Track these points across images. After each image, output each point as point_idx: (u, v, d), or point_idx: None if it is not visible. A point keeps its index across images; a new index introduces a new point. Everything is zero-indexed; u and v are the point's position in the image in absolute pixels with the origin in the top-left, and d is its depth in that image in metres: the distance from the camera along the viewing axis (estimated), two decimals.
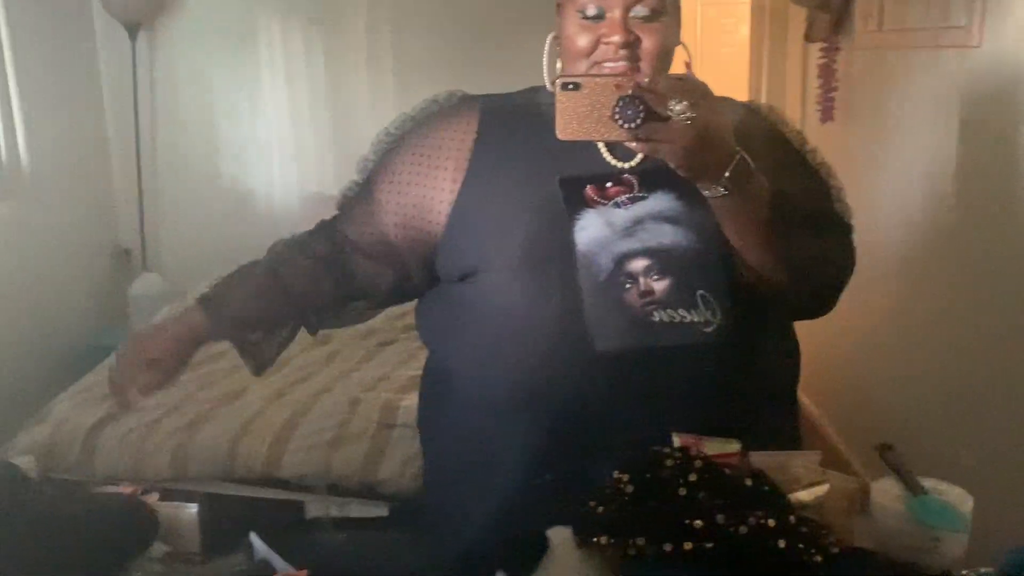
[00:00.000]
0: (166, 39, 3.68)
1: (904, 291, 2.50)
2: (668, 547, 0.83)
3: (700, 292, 1.10)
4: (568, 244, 1.11)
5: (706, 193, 1.02)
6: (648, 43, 1.09)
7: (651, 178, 1.12)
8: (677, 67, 1.16)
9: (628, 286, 1.10)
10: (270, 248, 1.35)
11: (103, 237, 3.71)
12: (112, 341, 3.08)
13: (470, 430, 1.21)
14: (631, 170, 1.14)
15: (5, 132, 3.06)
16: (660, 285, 1.10)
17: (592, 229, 1.12)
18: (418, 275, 1.27)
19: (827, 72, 2.91)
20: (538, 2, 1.68)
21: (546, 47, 1.17)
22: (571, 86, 0.96)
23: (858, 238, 1.24)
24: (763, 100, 3.47)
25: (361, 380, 2.44)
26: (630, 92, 0.93)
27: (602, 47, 1.10)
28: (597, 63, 1.11)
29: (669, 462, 0.89)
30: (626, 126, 0.94)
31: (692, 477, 0.86)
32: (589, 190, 1.12)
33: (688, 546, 0.82)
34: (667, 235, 1.11)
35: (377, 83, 3.67)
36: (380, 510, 2.06)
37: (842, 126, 2.94)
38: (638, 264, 1.11)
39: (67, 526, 0.86)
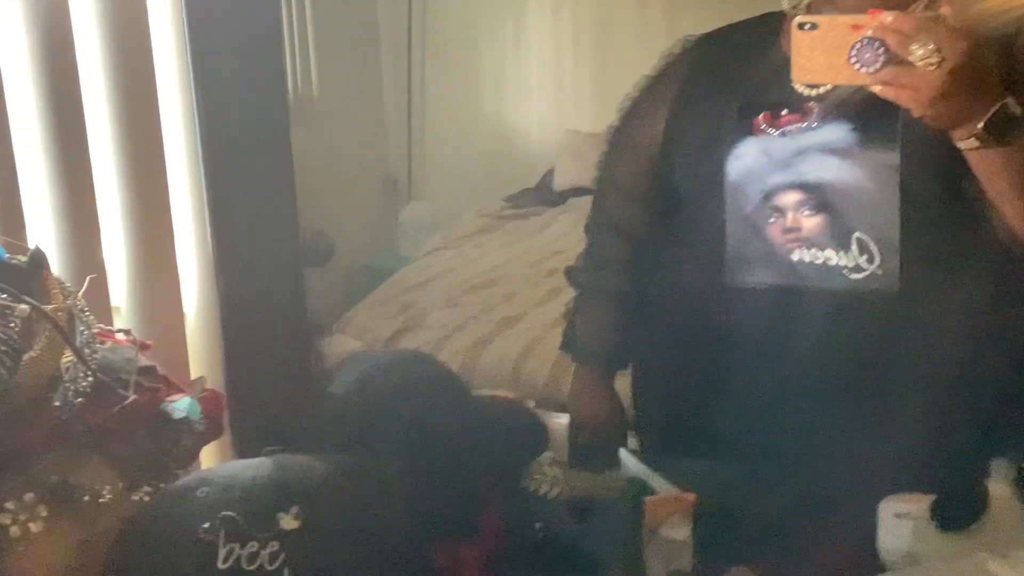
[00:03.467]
0: None
1: None
2: None
3: (857, 235, 1.01)
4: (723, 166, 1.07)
5: (960, 145, 0.90)
6: None
7: (835, 107, 1.03)
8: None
9: (773, 220, 1.05)
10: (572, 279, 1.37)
11: (375, 167, 3.93)
12: (384, 264, 3.28)
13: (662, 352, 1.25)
14: (816, 97, 1.05)
15: (301, 62, 3.28)
16: (810, 222, 1.03)
17: (747, 158, 1.06)
18: None
19: None
20: None
21: None
22: (808, 26, 0.89)
23: None
24: None
25: None
26: (869, 33, 0.85)
27: None
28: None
29: None
30: (864, 70, 0.86)
31: None
32: (760, 117, 1.06)
33: None
34: (830, 169, 1.02)
35: (644, 19, 3.59)
36: None
37: None
38: (789, 197, 1.04)
39: (481, 423, 0.90)
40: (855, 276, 1.03)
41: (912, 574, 0.84)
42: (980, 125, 0.88)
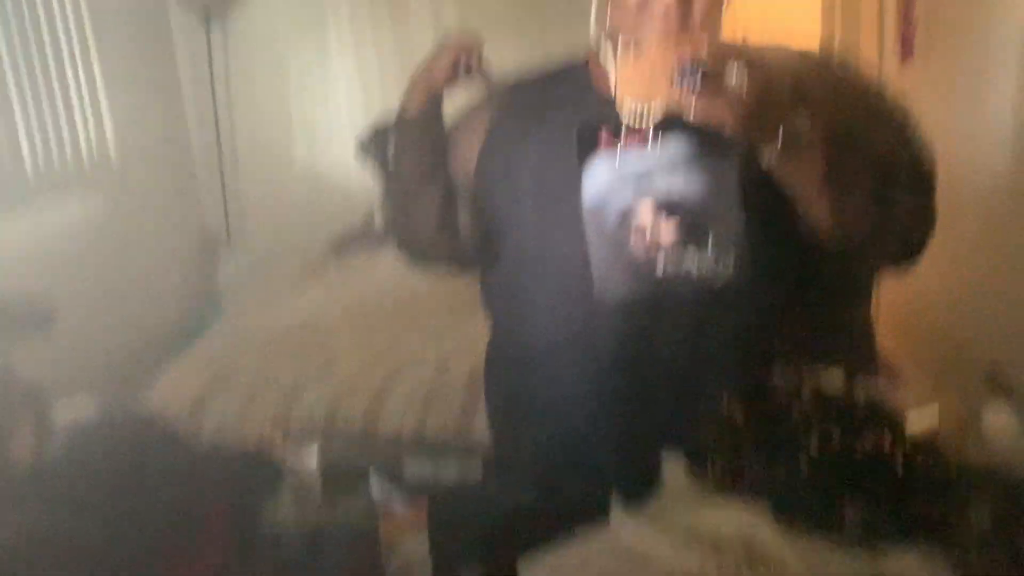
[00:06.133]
0: (239, 27, 3.76)
1: (989, 233, 2.42)
2: (784, 467, 0.84)
3: (711, 240, 1.11)
4: (578, 194, 1.13)
5: (764, 157, 1.02)
6: (700, 2, 1.08)
7: (667, 127, 1.12)
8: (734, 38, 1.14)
9: (634, 232, 1.13)
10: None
11: (189, 221, 3.84)
12: (203, 319, 3.20)
13: (518, 376, 1.28)
14: (648, 122, 1.13)
15: (95, 126, 3.18)
16: (667, 231, 1.12)
17: (601, 177, 1.14)
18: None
19: (907, 7, 2.81)
20: None
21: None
22: (631, 50, 0.98)
23: (942, 179, 1.18)
24: (837, 39, 3.38)
25: (451, 344, 2.48)
26: (689, 57, 0.95)
27: (657, 1, 1.09)
28: (648, 11, 1.10)
29: (782, 387, 0.90)
30: (684, 90, 0.95)
31: (806, 397, 0.87)
32: (603, 141, 1.14)
33: (805, 465, 0.83)
34: (678, 182, 1.12)
35: None
36: (477, 468, 2.10)
37: (923, 63, 2.84)
38: (645, 210, 1.13)
39: (208, 473, 0.91)
40: (716, 277, 1.12)
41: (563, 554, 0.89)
42: (780, 136, 0.99)
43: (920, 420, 1.00)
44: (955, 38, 2.62)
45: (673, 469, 0.91)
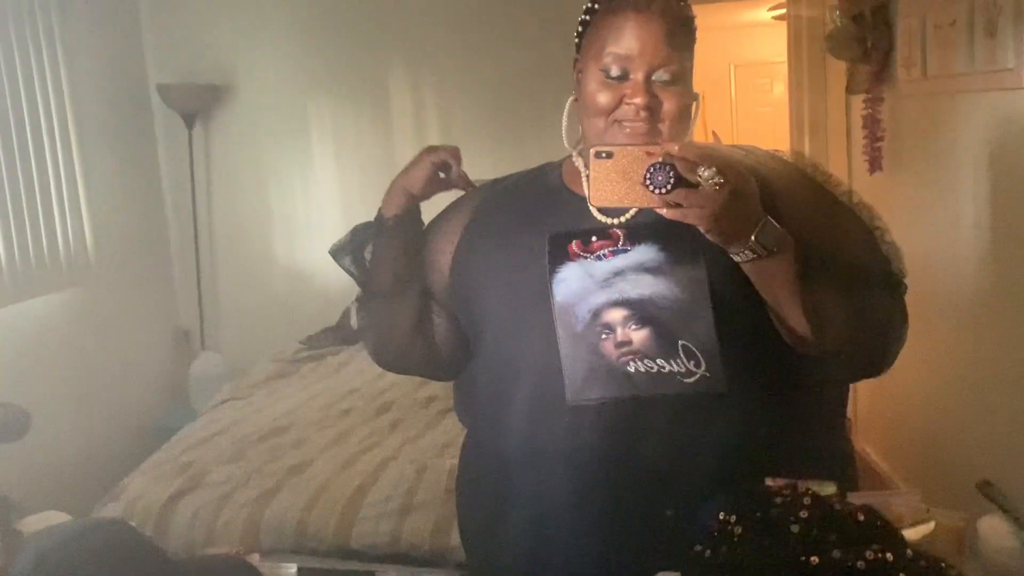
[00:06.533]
0: (221, 127, 3.82)
1: (960, 340, 2.46)
2: None
3: (682, 343, 1.10)
4: (548, 297, 1.14)
5: (736, 258, 1.03)
6: (668, 105, 1.11)
7: (637, 232, 1.14)
8: (704, 137, 1.18)
9: (605, 336, 1.12)
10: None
11: (164, 320, 3.80)
12: (176, 421, 3.14)
13: (494, 485, 1.25)
14: (619, 225, 1.17)
15: (72, 222, 3.18)
16: (638, 335, 1.11)
17: (571, 281, 1.14)
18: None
19: (872, 123, 2.93)
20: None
21: (566, 109, 1.21)
22: (604, 155, 0.99)
23: (913, 286, 1.19)
24: (807, 154, 3.49)
25: (426, 447, 2.44)
26: (660, 159, 0.97)
27: (624, 107, 1.12)
28: (618, 121, 1.13)
29: (779, 500, 0.88)
30: (657, 192, 0.97)
31: (803, 514, 0.85)
32: (573, 245, 1.15)
33: None
34: (648, 286, 1.12)
35: None
36: None
37: (891, 176, 2.94)
38: (616, 314, 1.12)
39: None
40: (688, 380, 1.10)
41: None
42: (753, 237, 0.99)
43: (916, 535, 0.99)
44: (921, 151, 2.72)
45: None
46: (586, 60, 1.16)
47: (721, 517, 0.91)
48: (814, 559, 0.82)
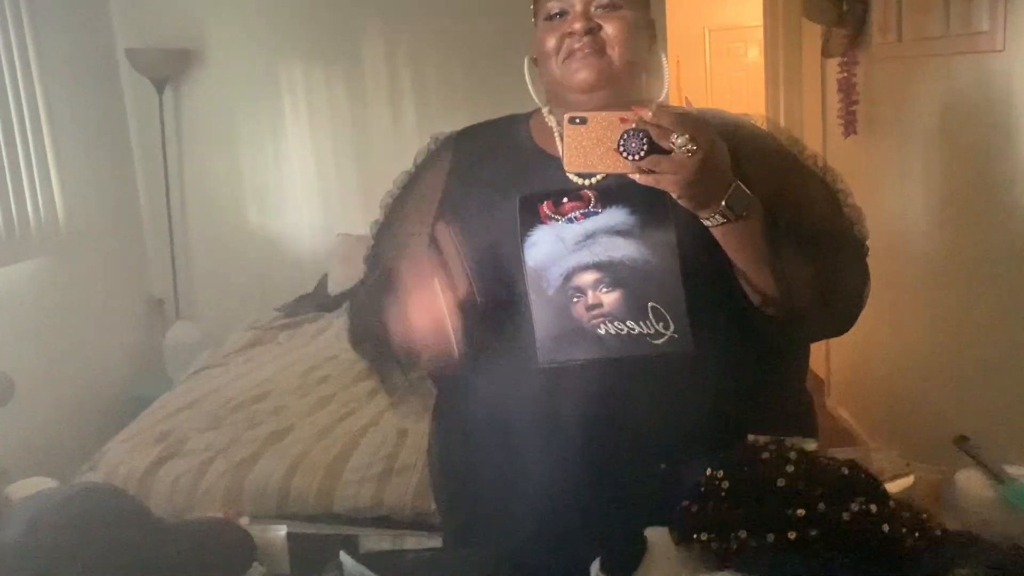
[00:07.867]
0: (191, 92, 3.76)
1: (931, 299, 2.51)
2: (771, 537, 0.83)
3: (651, 304, 1.11)
4: (520, 257, 1.14)
5: (706, 223, 1.04)
6: (611, 29, 1.13)
7: (608, 194, 1.15)
8: (678, 103, 1.18)
9: (576, 299, 1.13)
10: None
11: (137, 288, 3.76)
12: (151, 390, 3.11)
13: (465, 449, 1.25)
14: (590, 186, 1.17)
15: (42, 190, 3.12)
16: (609, 298, 1.12)
17: (543, 245, 1.14)
18: None
19: (847, 86, 2.94)
20: None
21: (525, 67, 1.22)
22: (578, 120, 1.00)
23: (886, 248, 1.20)
24: (782, 118, 3.50)
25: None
26: (634, 126, 0.97)
27: (567, 40, 1.14)
28: (566, 59, 1.14)
29: (765, 455, 0.90)
30: (630, 158, 0.98)
31: (789, 468, 0.87)
32: (544, 206, 1.15)
33: (792, 535, 0.83)
34: (619, 249, 1.13)
35: (399, 120, 3.73)
36: (435, 541, 2.05)
37: (866, 139, 2.96)
38: (587, 278, 1.13)
39: (177, 547, 0.87)
40: (657, 342, 1.11)
41: None
42: (723, 203, 1.00)
43: (898, 488, 1.01)
44: (895, 115, 2.74)
45: (657, 539, 0.90)
46: (538, 18, 1.19)
47: (709, 473, 0.92)
48: (800, 512, 0.84)
